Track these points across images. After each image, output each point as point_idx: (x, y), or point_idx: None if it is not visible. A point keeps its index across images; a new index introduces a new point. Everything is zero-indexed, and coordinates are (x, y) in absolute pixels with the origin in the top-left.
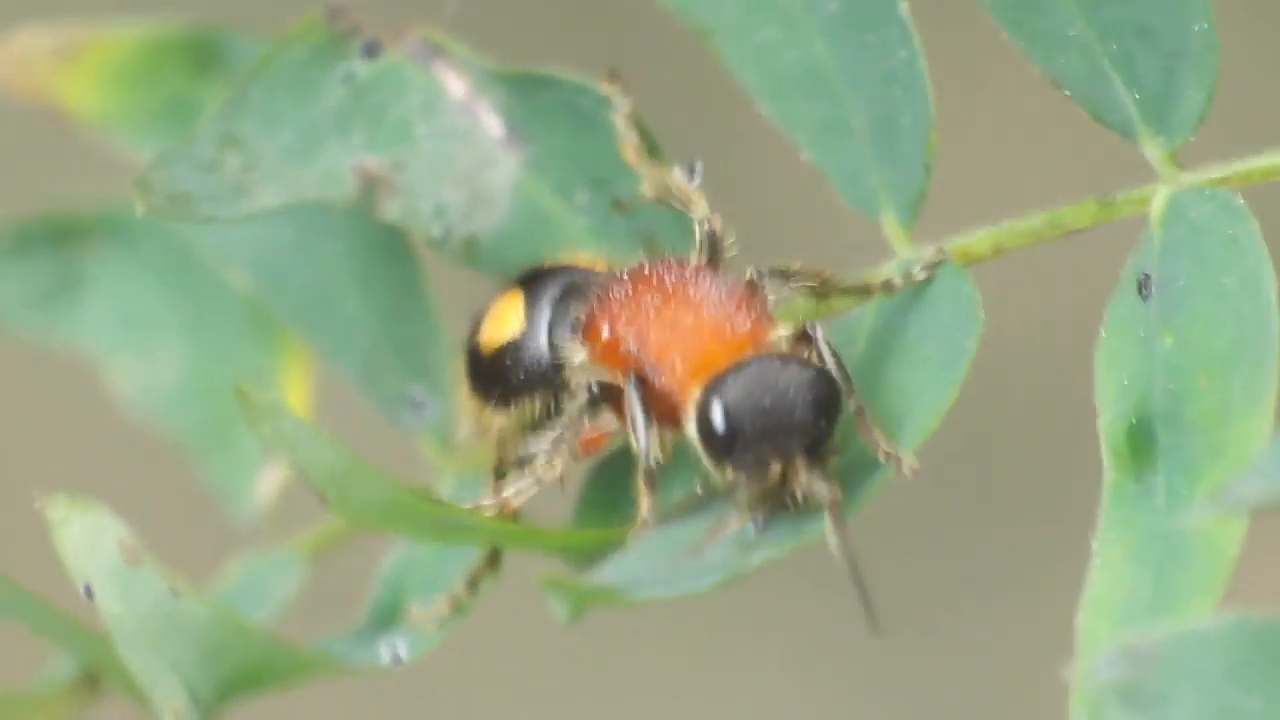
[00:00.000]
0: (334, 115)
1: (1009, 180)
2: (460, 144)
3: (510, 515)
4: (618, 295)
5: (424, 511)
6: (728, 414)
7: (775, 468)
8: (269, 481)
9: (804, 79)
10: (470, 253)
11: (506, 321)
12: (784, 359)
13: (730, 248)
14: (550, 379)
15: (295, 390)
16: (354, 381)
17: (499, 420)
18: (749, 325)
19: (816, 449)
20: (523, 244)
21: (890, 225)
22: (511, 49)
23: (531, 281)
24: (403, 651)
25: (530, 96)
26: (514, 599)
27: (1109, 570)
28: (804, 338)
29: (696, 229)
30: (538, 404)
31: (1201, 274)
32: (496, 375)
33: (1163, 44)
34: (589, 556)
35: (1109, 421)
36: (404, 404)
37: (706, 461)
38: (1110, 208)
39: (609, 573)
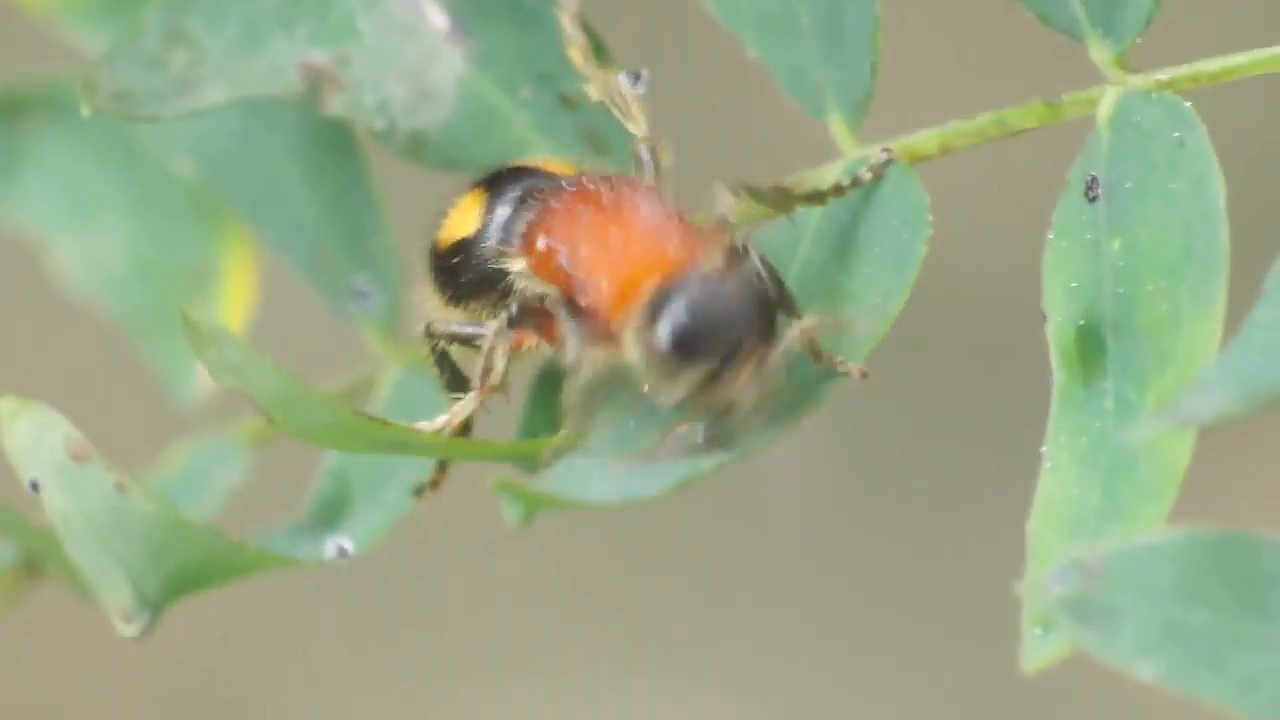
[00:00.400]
0: (278, 10)
1: (958, 84)
2: (404, 39)
3: (457, 430)
4: (557, 207)
5: (368, 431)
6: (675, 329)
7: (724, 376)
8: None
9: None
10: (415, 147)
11: (464, 219)
12: (719, 272)
13: (665, 166)
14: (496, 283)
15: (240, 278)
16: (298, 271)
17: (452, 318)
18: (683, 246)
19: (762, 355)
20: (468, 139)
21: (837, 126)
22: None
23: (495, 182)
24: (349, 546)
25: None
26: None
27: (1058, 477)
28: (736, 255)
29: (634, 147)
30: (486, 307)
31: (1149, 177)
32: (450, 273)
33: None
34: (537, 465)
35: (1057, 326)
36: (348, 294)
37: (651, 377)
38: (1057, 109)
39: (559, 477)
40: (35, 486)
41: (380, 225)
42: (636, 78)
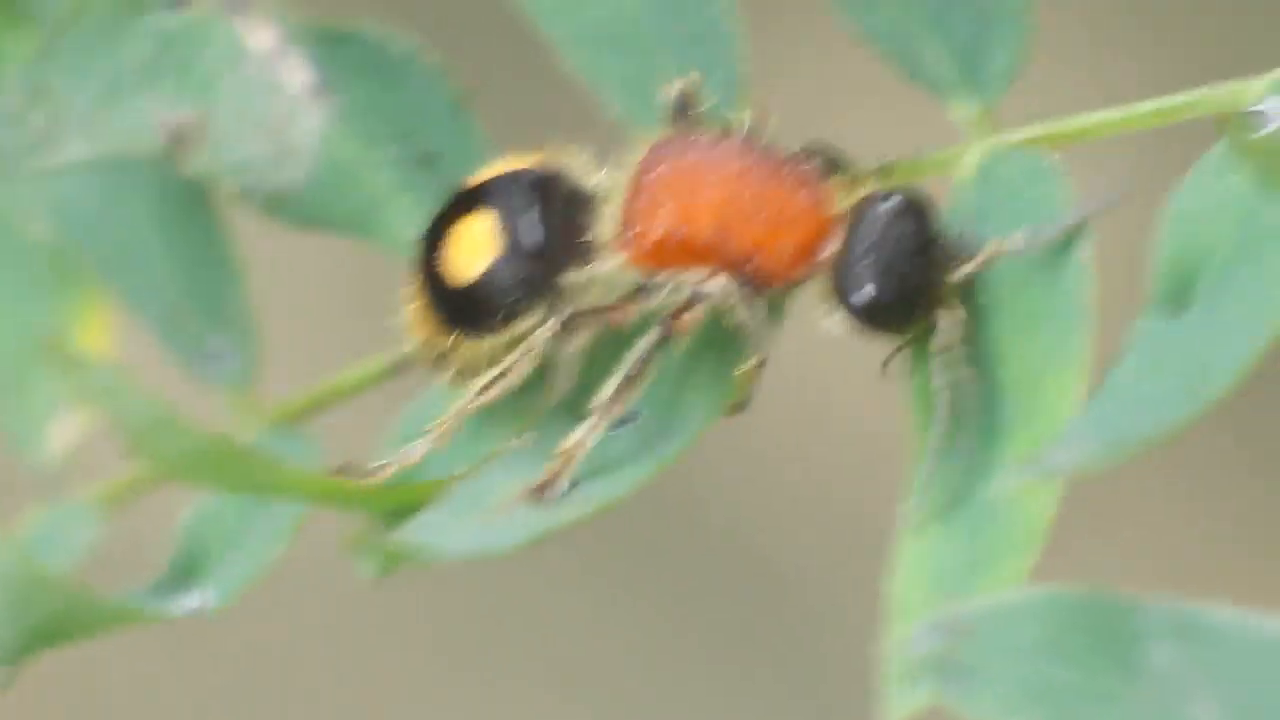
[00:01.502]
0: (141, 67)
1: (821, 138)
2: (267, 97)
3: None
4: (661, 184)
5: (237, 464)
6: (882, 282)
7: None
8: (64, 431)
9: (612, 33)
10: (276, 205)
11: (480, 246)
12: (873, 201)
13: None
14: (545, 298)
15: (94, 341)
16: (154, 333)
17: (470, 350)
18: (813, 184)
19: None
20: (329, 197)
21: None
22: (321, 2)
23: (488, 196)
24: (209, 600)
25: (338, 50)
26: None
27: (918, 535)
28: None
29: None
30: (525, 325)
31: (1012, 233)
32: (474, 306)
33: (975, 3)
34: (401, 517)
35: (916, 382)
36: (204, 356)
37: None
38: (921, 167)
39: (415, 531)
40: None
41: (236, 285)
42: None
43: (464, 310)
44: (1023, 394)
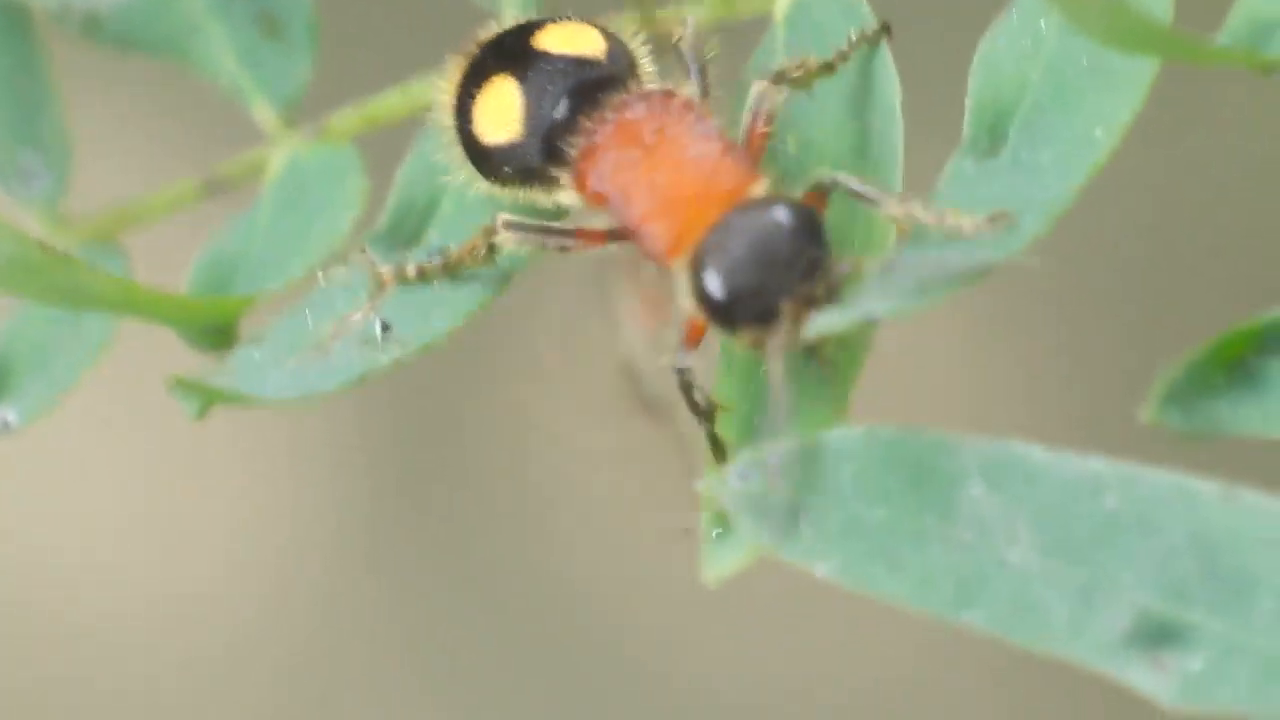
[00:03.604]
0: None
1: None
2: None
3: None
4: (605, 144)
5: (52, 269)
6: (722, 283)
7: (789, 311)
8: None
9: None
10: (90, 27)
11: (503, 120)
12: (754, 206)
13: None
14: (541, 181)
15: None
16: None
17: (483, 184)
18: (732, 181)
19: (822, 279)
20: (142, 20)
21: None
22: None
23: (536, 71)
24: (12, 418)
25: None
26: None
27: (732, 376)
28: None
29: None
30: (522, 192)
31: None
32: (478, 156)
33: None
34: (211, 334)
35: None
36: (16, 173)
37: (720, 332)
38: (731, 5)
39: (237, 372)
40: None
41: (50, 105)
42: None
43: (471, 150)
44: (837, 235)
